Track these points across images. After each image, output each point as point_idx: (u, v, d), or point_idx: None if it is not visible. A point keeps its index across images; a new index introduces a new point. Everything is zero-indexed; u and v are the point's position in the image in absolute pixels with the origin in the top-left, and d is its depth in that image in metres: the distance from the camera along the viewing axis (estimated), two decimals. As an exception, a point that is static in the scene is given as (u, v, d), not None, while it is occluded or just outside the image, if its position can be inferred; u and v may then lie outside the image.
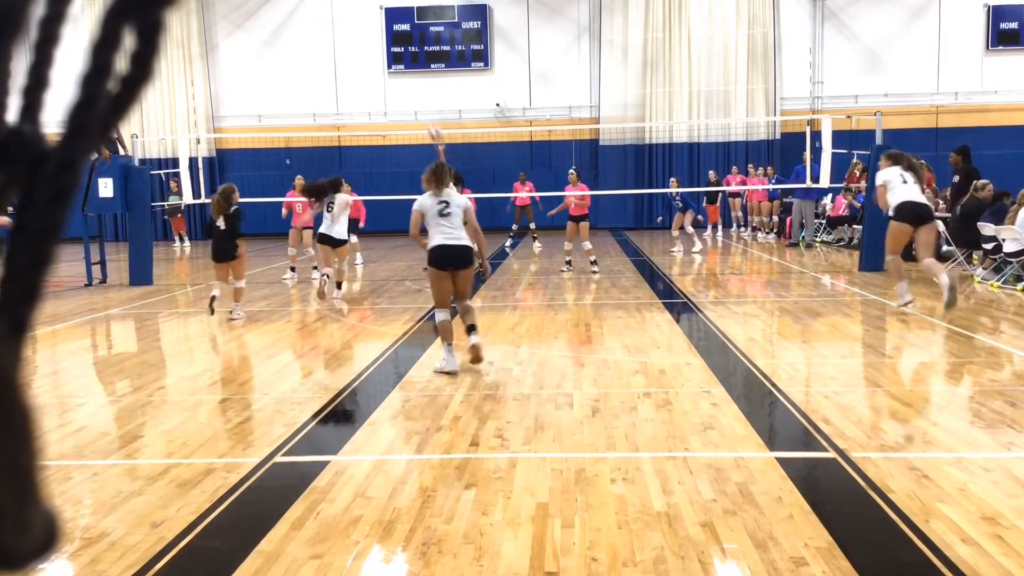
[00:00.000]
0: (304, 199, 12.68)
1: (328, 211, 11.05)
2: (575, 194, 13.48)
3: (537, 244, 18.31)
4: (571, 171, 13.81)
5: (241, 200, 9.95)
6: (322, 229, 11.07)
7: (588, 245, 13.56)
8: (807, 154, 17.24)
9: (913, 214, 8.82)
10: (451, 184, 7.16)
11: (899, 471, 4.27)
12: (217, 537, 3.73)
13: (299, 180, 14.24)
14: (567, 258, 13.78)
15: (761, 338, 8.20)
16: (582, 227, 13.52)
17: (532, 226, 18.29)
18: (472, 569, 3.30)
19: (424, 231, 7.08)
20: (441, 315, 6.95)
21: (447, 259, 6.88)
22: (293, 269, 13.80)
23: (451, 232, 6.89)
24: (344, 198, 11.10)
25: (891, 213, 9.05)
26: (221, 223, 9.64)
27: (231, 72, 25.24)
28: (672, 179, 19.05)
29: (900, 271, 9.28)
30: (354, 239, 14.40)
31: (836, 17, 23.93)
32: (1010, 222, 10.95)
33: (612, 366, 6.94)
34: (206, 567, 3.49)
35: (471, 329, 6.97)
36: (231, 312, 9.77)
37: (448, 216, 6.91)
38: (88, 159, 0.44)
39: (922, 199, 9.01)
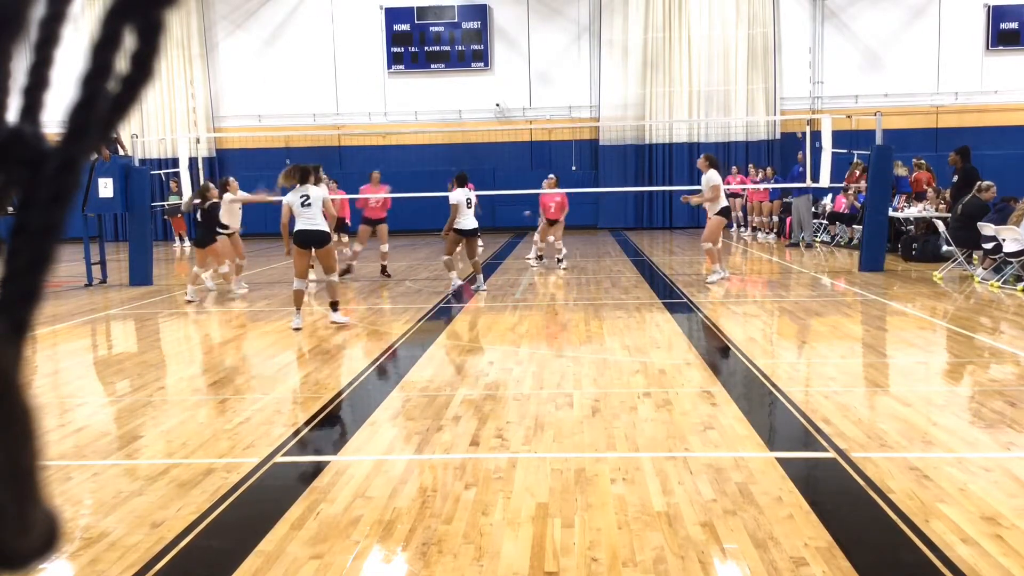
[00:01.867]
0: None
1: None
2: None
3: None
4: (550, 177, 14.96)
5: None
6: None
7: (556, 241, 14.74)
8: (801, 154, 17.26)
9: (729, 215, 12.25)
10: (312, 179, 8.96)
11: (899, 471, 4.27)
12: (217, 537, 3.73)
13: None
14: (539, 253, 14.91)
15: (761, 338, 8.20)
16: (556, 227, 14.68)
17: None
18: (472, 569, 3.30)
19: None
20: (297, 284, 8.95)
21: (306, 240, 8.72)
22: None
23: (310, 219, 8.67)
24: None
25: (716, 210, 11.74)
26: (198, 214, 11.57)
27: (231, 72, 25.24)
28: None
29: (719, 256, 12.28)
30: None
31: (836, 17, 23.93)
32: (1014, 223, 10.94)
33: (612, 366, 6.94)
34: (206, 567, 3.49)
35: (334, 306, 9.02)
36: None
37: (308, 207, 8.69)
38: (88, 159, 0.44)
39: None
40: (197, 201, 11.72)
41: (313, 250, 8.78)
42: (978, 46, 23.45)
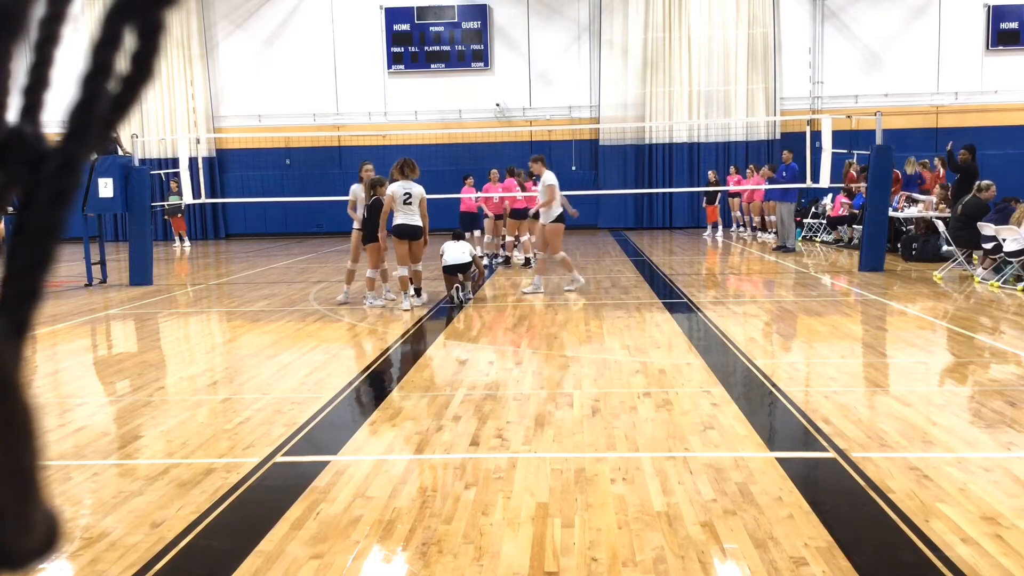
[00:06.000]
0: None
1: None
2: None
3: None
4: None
5: (240, 200, 10.18)
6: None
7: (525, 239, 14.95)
8: (787, 153, 17.17)
9: (564, 220, 11.37)
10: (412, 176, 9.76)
11: (899, 471, 4.27)
12: (217, 537, 3.73)
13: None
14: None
15: (761, 338, 8.19)
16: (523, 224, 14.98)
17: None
18: (472, 569, 3.30)
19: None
20: (401, 271, 9.95)
21: (403, 233, 9.76)
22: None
23: (410, 215, 9.68)
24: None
25: (552, 217, 11.08)
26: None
27: (231, 72, 25.24)
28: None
29: (569, 264, 11.51)
30: None
31: (836, 17, 23.93)
32: (1015, 223, 10.94)
33: (612, 366, 6.94)
34: (206, 567, 3.49)
35: (417, 292, 10.21)
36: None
37: (409, 204, 9.62)
38: (88, 159, 0.44)
39: None
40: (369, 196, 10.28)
41: (408, 242, 9.80)
42: (978, 46, 23.45)
